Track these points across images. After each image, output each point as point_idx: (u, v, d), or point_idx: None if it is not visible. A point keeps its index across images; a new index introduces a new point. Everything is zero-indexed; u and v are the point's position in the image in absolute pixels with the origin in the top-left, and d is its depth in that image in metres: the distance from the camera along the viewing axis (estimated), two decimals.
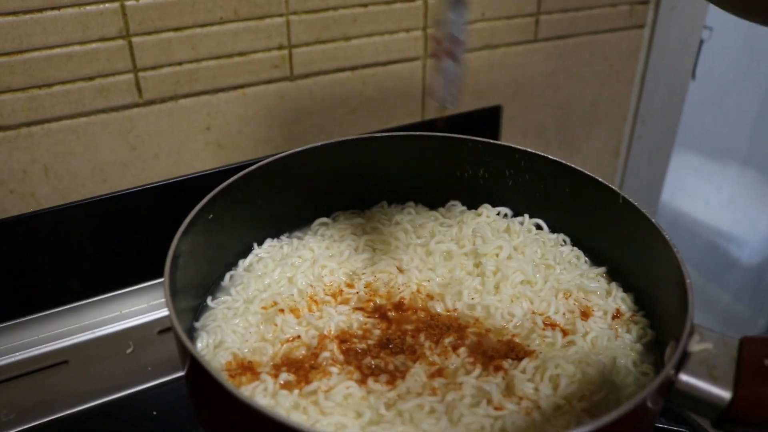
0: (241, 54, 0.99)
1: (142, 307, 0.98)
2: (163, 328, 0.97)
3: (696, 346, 0.57)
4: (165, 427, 0.88)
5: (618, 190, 0.75)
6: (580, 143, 1.43)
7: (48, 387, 0.91)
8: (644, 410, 0.53)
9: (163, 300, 0.62)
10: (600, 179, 0.77)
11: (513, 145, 0.84)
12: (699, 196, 2.26)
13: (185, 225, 0.69)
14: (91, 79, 0.91)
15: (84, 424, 0.89)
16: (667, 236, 0.67)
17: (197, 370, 0.55)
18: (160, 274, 0.64)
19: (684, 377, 0.56)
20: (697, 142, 2.07)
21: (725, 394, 0.54)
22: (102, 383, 0.92)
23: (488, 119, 1.22)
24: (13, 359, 0.91)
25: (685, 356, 0.56)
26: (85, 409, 0.90)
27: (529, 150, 0.83)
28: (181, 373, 0.62)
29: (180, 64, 0.95)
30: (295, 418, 0.60)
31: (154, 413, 0.89)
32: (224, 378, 0.53)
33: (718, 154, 2.19)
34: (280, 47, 1.01)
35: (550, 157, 0.82)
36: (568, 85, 1.33)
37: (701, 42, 1.46)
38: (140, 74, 0.93)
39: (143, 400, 0.92)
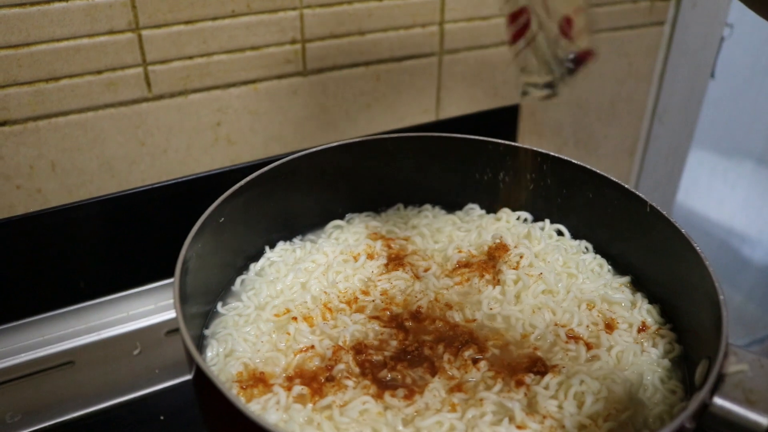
0: (253, 48, 0.96)
1: (149, 308, 0.96)
2: (171, 329, 0.95)
3: (731, 368, 0.54)
4: None
5: (645, 198, 0.72)
6: (597, 142, 1.40)
7: (54, 389, 0.89)
8: None
9: (172, 301, 0.60)
10: (626, 186, 0.74)
11: (536, 149, 0.81)
12: (713, 196, 2.22)
13: (195, 230, 0.66)
14: (99, 72, 0.88)
15: (90, 428, 0.87)
16: (699, 249, 0.64)
17: (206, 383, 0.53)
18: (169, 275, 0.62)
19: (719, 401, 0.53)
20: (712, 140, 2.03)
21: (763, 421, 0.52)
22: (108, 385, 0.90)
23: (506, 118, 1.19)
24: (18, 360, 0.89)
25: (719, 378, 0.54)
26: (91, 413, 0.88)
27: (552, 153, 0.80)
28: (189, 376, 0.60)
29: (190, 58, 0.93)
30: None
31: (162, 418, 0.87)
32: (233, 394, 0.51)
33: (732, 152, 2.16)
34: (293, 41, 0.98)
35: (574, 161, 0.79)
36: (586, 83, 1.29)
37: (722, 39, 1.42)
38: (150, 68, 0.91)
39: (150, 403, 0.89)
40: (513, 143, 0.82)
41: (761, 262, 2.24)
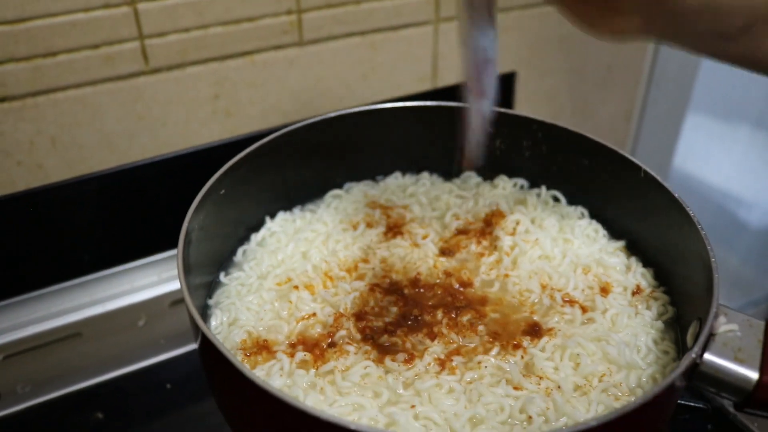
0: (249, 19, 0.96)
1: (153, 280, 0.97)
2: (175, 300, 0.96)
3: (721, 328, 0.56)
4: (179, 400, 0.88)
5: (640, 164, 0.73)
6: (594, 107, 1.40)
7: (61, 360, 0.91)
8: (670, 393, 0.52)
9: (175, 272, 0.61)
10: (622, 152, 0.75)
11: (531, 116, 0.82)
12: (709, 159, 2.23)
13: (197, 202, 0.67)
14: (96, 47, 0.88)
15: (98, 398, 0.89)
16: (691, 213, 0.65)
17: (211, 351, 0.54)
18: (171, 247, 0.63)
19: (709, 358, 0.55)
20: (708, 104, 2.03)
21: (752, 377, 0.54)
22: (115, 356, 0.92)
23: (502, 86, 1.19)
24: (26, 333, 0.90)
25: (710, 338, 0.55)
26: (98, 383, 0.90)
27: (548, 121, 0.81)
28: (194, 346, 0.61)
29: (187, 30, 0.92)
30: (312, 397, 0.59)
31: (168, 386, 0.89)
32: (238, 361, 0.52)
33: (729, 115, 2.15)
34: (289, 12, 0.98)
35: (569, 128, 0.79)
36: (582, 48, 1.29)
37: None
38: (146, 42, 0.91)
39: (156, 372, 0.92)
40: (508, 111, 0.83)
41: (757, 225, 2.25)
